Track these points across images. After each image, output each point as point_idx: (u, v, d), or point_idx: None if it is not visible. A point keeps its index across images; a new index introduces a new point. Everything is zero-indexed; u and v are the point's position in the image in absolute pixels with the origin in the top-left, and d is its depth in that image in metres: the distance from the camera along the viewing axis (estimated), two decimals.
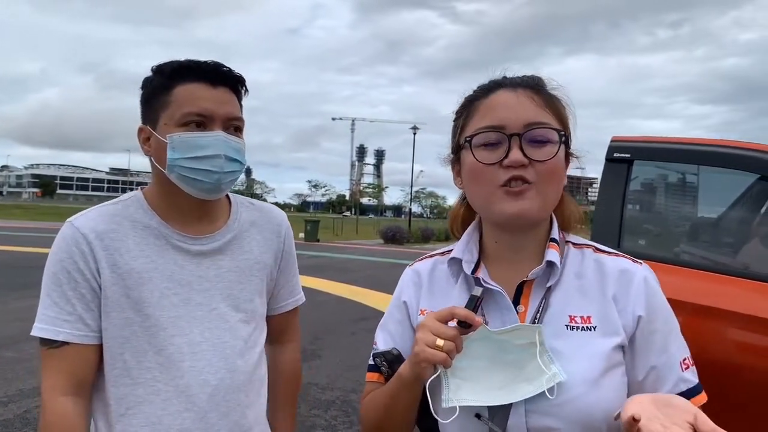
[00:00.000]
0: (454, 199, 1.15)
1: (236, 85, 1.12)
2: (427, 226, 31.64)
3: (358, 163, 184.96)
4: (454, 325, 0.85)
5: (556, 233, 0.95)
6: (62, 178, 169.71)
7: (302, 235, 24.23)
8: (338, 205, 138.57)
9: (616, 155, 2.21)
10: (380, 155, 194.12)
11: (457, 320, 0.85)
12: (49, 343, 1.05)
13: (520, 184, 0.88)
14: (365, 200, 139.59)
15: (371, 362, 1.02)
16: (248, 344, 1.17)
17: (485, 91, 0.95)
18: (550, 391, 0.84)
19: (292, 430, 1.35)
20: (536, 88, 0.93)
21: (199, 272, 1.12)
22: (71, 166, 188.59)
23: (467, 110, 0.97)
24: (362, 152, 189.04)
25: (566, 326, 0.90)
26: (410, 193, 48.65)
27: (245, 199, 1.28)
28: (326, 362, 5.29)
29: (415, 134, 35.90)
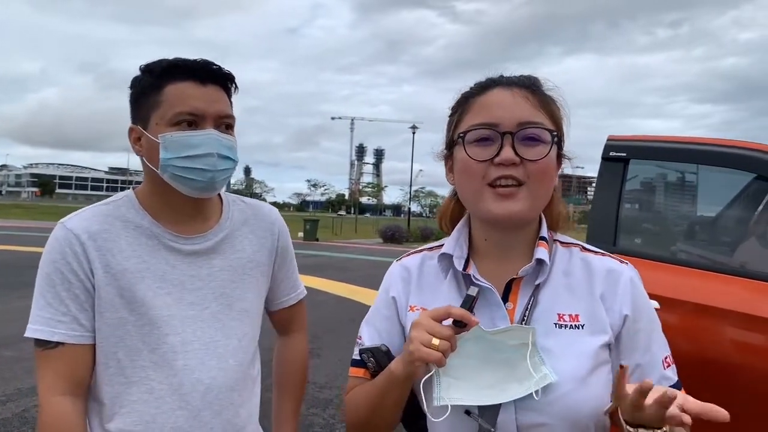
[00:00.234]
0: None
1: (226, 82, 1.12)
2: (426, 225, 31.58)
3: (357, 162, 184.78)
4: (449, 324, 0.85)
5: (545, 232, 0.96)
6: (61, 177, 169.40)
7: (301, 234, 24.20)
8: (337, 204, 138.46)
9: (612, 154, 2.22)
10: (379, 154, 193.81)
11: (452, 319, 0.85)
12: (44, 344, 1.05)
13: (509, 182, 0.88)
14: (364, 199, 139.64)
15: (356, 357, 1.02)
16: (242, 343, 1.17)
17: (481, 88, 0.96)
18: (537, 392, 0.85)
19: (295, 426, 1.34)
20: (532, 88, 0.93)
21: (191, 272, 1.12)
22: (70, 165, 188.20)
23: (462, 107, 0.97)
24: (361, 152, 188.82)
25: (555, 324, 0.90)
26: (409, 192, 48.66)
27: (237, 197, 1.28)
28: (325, 361, 5.30)
29: (414, 133, 35.94)
